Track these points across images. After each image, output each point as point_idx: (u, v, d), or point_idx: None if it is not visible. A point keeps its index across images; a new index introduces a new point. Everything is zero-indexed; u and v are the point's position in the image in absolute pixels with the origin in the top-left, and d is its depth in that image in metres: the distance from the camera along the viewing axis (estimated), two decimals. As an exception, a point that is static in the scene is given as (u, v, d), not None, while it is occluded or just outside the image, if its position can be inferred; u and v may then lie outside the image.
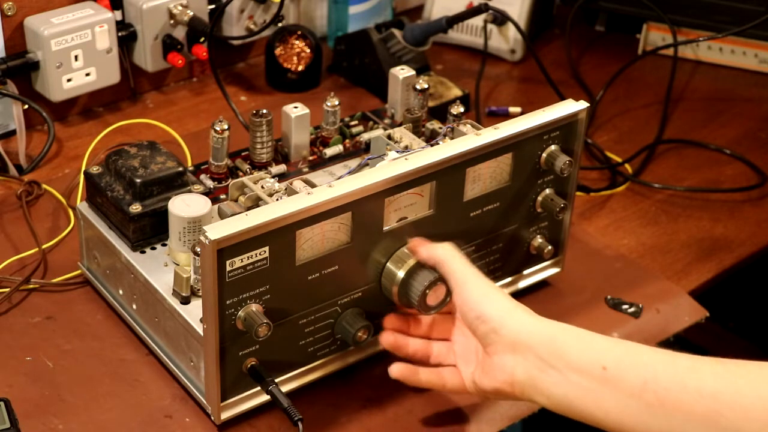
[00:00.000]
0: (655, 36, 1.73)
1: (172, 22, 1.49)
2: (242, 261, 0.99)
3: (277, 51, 1.59)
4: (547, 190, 1.19)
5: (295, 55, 1.59)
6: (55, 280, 1.23)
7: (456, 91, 1.55)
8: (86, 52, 1.43)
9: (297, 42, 1.59)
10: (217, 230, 0.97)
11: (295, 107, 1.24)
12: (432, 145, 1.14)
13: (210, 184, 1.19)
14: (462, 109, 1.25)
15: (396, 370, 1.07)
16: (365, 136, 1.27)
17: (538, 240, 1.22)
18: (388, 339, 1.09)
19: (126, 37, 1.48)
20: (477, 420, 1.11)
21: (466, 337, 1.06)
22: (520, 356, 0.98)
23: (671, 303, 1.26)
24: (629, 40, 1.75)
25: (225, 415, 1.07)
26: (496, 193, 1.16)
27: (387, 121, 1.32)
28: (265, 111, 1.21)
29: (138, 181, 1.13)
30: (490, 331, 1.00)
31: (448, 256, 1.05)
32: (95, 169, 1.18)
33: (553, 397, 0.97)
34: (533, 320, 1.00)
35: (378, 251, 1.09)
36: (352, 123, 1.31)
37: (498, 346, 0.99)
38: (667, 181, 1.46)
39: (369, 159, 1.19)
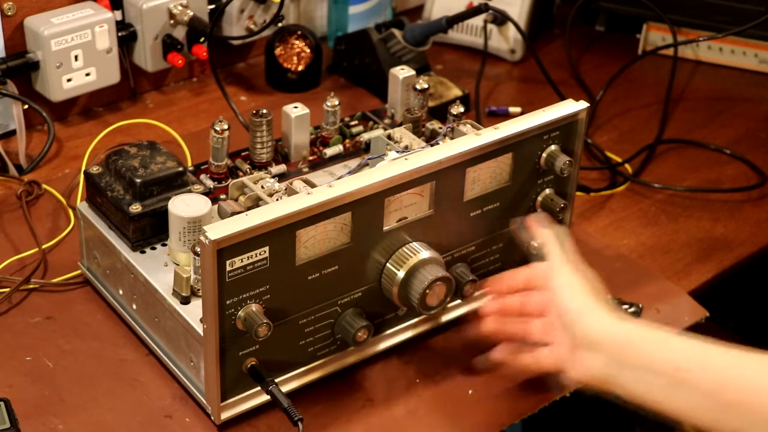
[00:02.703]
0: (655, 36, 1.73)
1: (172, 22, 1.49)
2: (242, 261, 0.99)
3: (277, 51, 1.59)
4: (547, 190, 1.19)
5: (295, 55, 1.59)
6: (55, 280, 1.23)
7: (456, 91, 1.55)
8: (86, 52, 1.43)
9: (297, 42, 1.59)
10: (217, 230, 0.97)
11: (295, 107, 1.24)
12: (432, 145, 1.14)
13: (210, 184, 1.19)
14: (462, 109, 1.25)
15: (498, 354, 1.10)
16: (365, 136, 1.27)
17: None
18: (489, 327, 1.10)
19: (126, 37, 1.48)
20: (477, 420, 1.11)
21: None
22: (596, 354, 1.00)
23: (671, 303, 1.26)
24: (629, 40, 1.75)
25: (225, 415, 1.07)
26: (496, 193, 1.16)
27: (387, 121, 1.32)
28: (265, 111, 1.21)
29: (138, 181, 1.13)
30: (569, 324, 1.02)
31: (550, 240, 1.07)
32: (95, 169, 1.18)
33: (630, 394, 1.00)
34: (609, 320, 1.01)
35: (378, 251, 1.09)
36: (352, 123, 1.31)
37: (576, 342, 1.02)
38: (667, 181, 1.46)
39: (369, 159, 1.19)
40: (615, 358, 0.99)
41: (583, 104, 1.17)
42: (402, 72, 1.30)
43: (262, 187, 1.11)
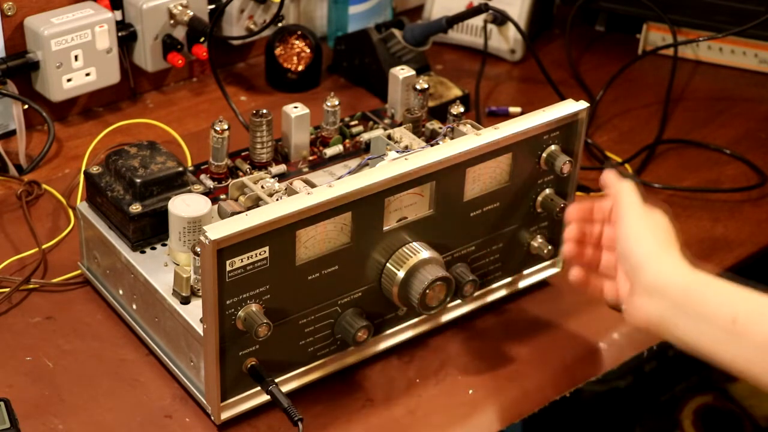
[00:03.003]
0: (655, 36, 1.73)
1: (172, 22, 1.49)
2: (242, 261, 0.99)
3: (277, 51, 1.59)
4: (547, 190, 1.19)
5: (295, 55, 1.59)
6: (55, 280, 1.23)
7: (456, 91, 1.55)
8: (86, 52, 1.43)
9: (297, 42, 1.59)
10: (217, 230, 0.97)
11: (295, 107, 1.24)
12: (432, 145, 1.14)
13: (210, 184, 1.19)
14: (462, 109, 1.25)
15: (573, 274, 1.12)
16: (365, 136, 1.27)
17: (538, 240, 1.22)
18: (570, 250, 1.12)
19: (126, 37, 1.48)
20: (477, 420, 1.11)
21: None
22: (655, 300, 1.01)
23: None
24: (629, 40, 1.75)
25: (225, 415, 1.07)
26: (496, 193, 1.16)
27: (387, 121, 1.32)
28: (265, 111, 1.21)
29: (138, 181, 1.13)
30: (631, 269, 1.03)
31: (623, 191, 1.08)
32: (95, 169, 1.18)
33: (684, 341, 1.00)
34: (673, 267, 1.02)
35: (378, 251, 1.09)
36: (352, 123, 1.31)
37: (637, 287, 1.02)
38: (667, 181, 1.46)
39: (369, 159, 1.19)
40: (674, 306, 1.00)
41: (583, 104, 1.17)
42: (402, 72, 1.30)
43: (262, 187, 1.11)
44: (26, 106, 1.42)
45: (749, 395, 1.94)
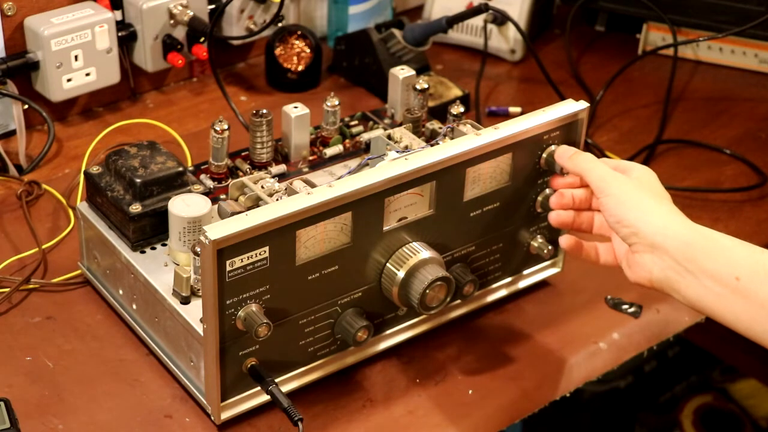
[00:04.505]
0: (655, 36, 1.73)
1: (172, 22, 1.49)
2: (242, 261, 0.99)
3: (277, 51, 1.59)
4: (547, 190, 1.19)
5: (295, 55, 1.59)
6: (55, 280, 1.23)
7: (456, 91, 1.55)
8: (86, 52, 1.43)
9: (297, 42, 1.59)
10: (217, 230, 0.97)
11: (295, 107, 1.24)
12: (432, 145, 1.14)
13: (210, 184, 1.19)
14: (462, 109, 1.25)
15: (564, 241, 1.12)
16: (365, 136, 1.27)
17: (538, 240, 1.22)
18: (557, 219, 1.12)
19: (126, 37, 1.48)
20: (477, 420, 1.11)
21: None
22: (658, 257, 1.01)
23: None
24: (629, 40, 1.75)
25: (225, 415, 1.07)
26: (496, 193, 1.16)
27: (387, 121, 1.32)
28: (265, 111, 1.21)
29: (138, 181, 1.13)
30: (630, 234, 1.03)
31: (589, 165, 1.08)
32: (95, 169, 1.18)
33: (687, 298, 1.00)
34: (673, 223, 1.02)
35: (378, 251, 1.09)
36: (352, 123, 1.31)
37: (638, 246, 1.02)
38: (667, 181, 1.45)
39: (369, 159, 1.19)
40: (677, 262, 1.00)
41: (583, 104, 1.17)
42: (402, 72, 1.30)
43: (262, 187, 1.11)
44: (26, 106, 1.42)
45: (749, 395, 1.94)
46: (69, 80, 1.43)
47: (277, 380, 1.06)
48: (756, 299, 0.96)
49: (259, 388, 1.07)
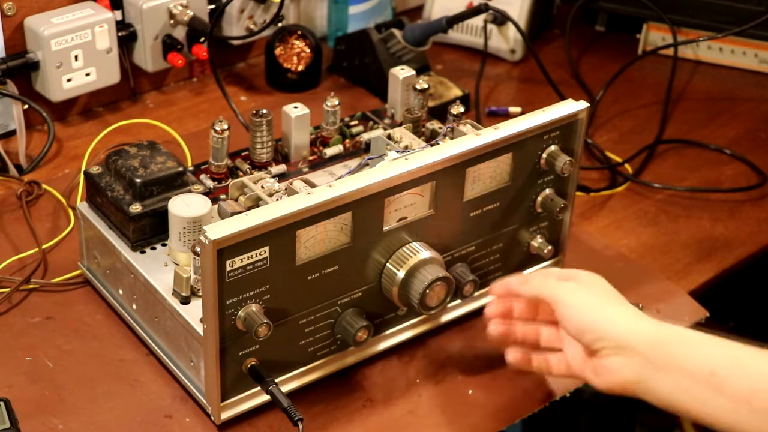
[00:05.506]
0: (655, 36, 1.73)
1: (172, 22, 1.49)
2: (242, 261, 0.99)
3: (277, 51, 1.59)
4: (547, 190, 1.19)
5: (295, 55, 1.59)
6: (55, 280, 1.23)
7: (456, 91, 1.55)
8: (86, 52, 1.43)
9: (297, 42, 1.59)
10: (217, 230, 0.97)
11: (295, 107, 1.24)
12: (432, 145, 1.14)
13: (210, 184, 1.19)
14: (462, 109, 1.25)
15: (512, 356, 1.09)
16: (365, 136, 1.27)
17: (538, 240, 1.22)
18: (496, 329, 1.09)
19: (126, 37, 1.48)
20: (477, 420, 1.11)
21: None
22: (628, 357, 0.98)
23: (671, 303, 1.26)
24: (629, 40, 1.75)
25: (225, 415, 1.07)
26: (496, 193, 1.16)
27: (387, 121, 1.32)
28: (265, 111, 1.21)
29: (138, 181, 1.13)
30: (596, 339, 1.00)
31: (540, 284, 1.05)
32: (95, 169, 1.18)
33: (661, 398, 0.98)
34: (639, 322, 1.00)
35: (378, 251, 1.09)
36: (352, 123, 1.31)
37: (606, 351, 1.00)
38: (667, 181, 1.46)
39: (369, 159, 1.19)
40: (648, 361, 0.97)
41: (583, 104, 1.17)
42: (402, 72, 1.30)
43: (262, 187, 1.11)
44: (26, 106, 1.42)
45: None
46: (69, 80, 1.43)
47: (277, 380, 1.06)
48: (736, 394, 0.93)
49: (259, 388, 1.07)
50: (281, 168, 1.23)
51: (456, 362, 1.17)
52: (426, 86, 1.27)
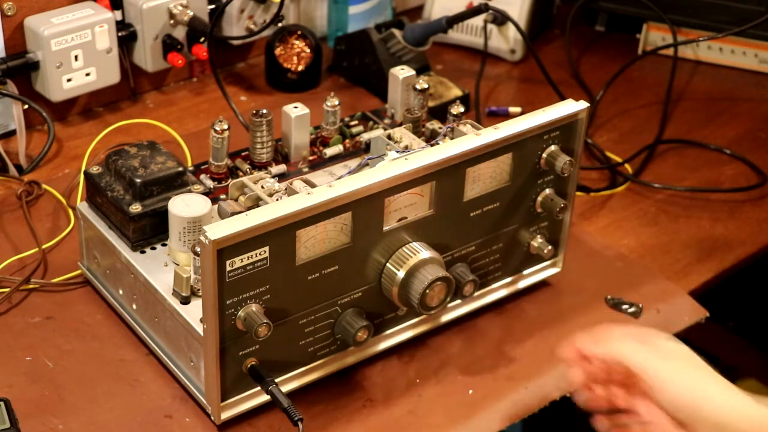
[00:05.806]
0: (655, 36, 1.73)
1: (172, 22, 1.49)
2: (242, 261, 0.99)
3: (277, 51, 1.59)
4: (547, 190, 1.19)
5: (295, 55, 1.59)
6: (55, 280, 1.23)
7: (456, 91, 1.55)
8: (86, 52, 1.43)
9: (297, 42, 1.59)
10: (217, 230, 0.97)
11: (295, 107, 1.24)
12: (432, 145, 1.14)
13: (210, 184, 1.19)
14: (462, 109, 1.25)
15: (599, 425, 1.04)
16: (365, 136, 1.27)
17: (538, 240, 1.22)
18: (588, 398, 1.04)
19: (126, 37, 1.48)
20: (477, 420, 1.11)
21: None
22: None
23: (671, 303, 1.26)
24: (629, 40, 1.75)
25: (225, 415, 1.07)
26: (496, 193, 1.16)
27: (387, 121, 1.32)
28: (265, 111, 1.21)
29: (138, 181, 1.13)
30: (690, 415, 0.96)
31: (622, 350, 1.00)
32: (95, 169, 1.18)
33: None
34: (736, 400, 0.96)
35: (378, 251, 1.09)
36: (352, 123, 1.31)
37: (701, 428, 0.96)
38: (667, 181, 1.46)
39: (369, 159, 1.19)
40: None
41: (583, 104, 1.17)
42: (402, 72, 1.30)
43: (262, 187, 1.11)
44: (26, 106, 1.42)
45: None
46: (69, 80, 1.43)
47: (277, 380, 1.06)
48: None
49: (259, 388, 1.07)
50: (281, 168, 1.23)
51: (456, 362, 1.17)
52: (426, 86, 1.27)
